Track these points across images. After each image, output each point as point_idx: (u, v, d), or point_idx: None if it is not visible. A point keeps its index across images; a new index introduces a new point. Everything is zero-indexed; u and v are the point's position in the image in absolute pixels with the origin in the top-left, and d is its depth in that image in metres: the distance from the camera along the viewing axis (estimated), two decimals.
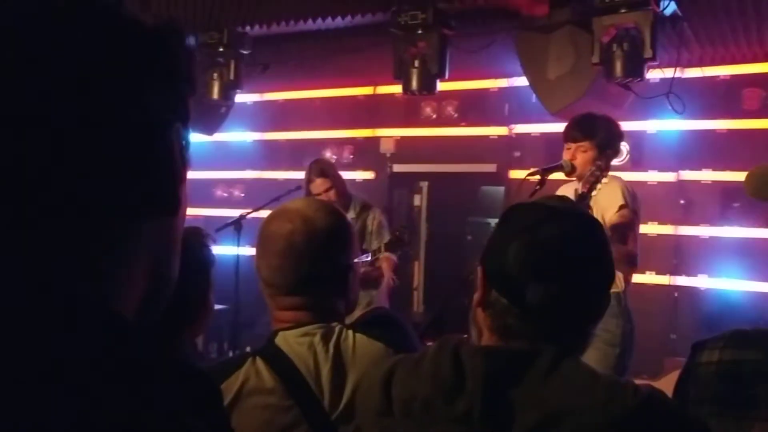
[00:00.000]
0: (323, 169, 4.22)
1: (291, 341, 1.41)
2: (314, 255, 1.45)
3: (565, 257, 1.09)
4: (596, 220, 1.22)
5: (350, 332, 1.43)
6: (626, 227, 3.14)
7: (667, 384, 1.24)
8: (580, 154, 3.22)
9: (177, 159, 0.57)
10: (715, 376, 1.14)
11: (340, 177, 4.30)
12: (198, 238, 1.78)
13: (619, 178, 3.33)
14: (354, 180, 5.85)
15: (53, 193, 0.50)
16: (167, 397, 0.46)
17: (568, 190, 3.18)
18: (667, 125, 4.69)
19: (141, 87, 0.54)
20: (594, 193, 3.07)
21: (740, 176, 4.13)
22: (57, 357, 0.44)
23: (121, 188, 0.53)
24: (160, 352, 0.49)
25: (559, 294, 1.06)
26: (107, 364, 0.45)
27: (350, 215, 4.16)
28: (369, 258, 3.88)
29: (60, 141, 0.50)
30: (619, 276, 3.14)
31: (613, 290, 3.14)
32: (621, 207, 3.15)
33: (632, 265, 3.18)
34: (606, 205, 3.16)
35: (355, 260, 1.56)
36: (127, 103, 0.53)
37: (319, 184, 4.15)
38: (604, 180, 3.10)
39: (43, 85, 0.50)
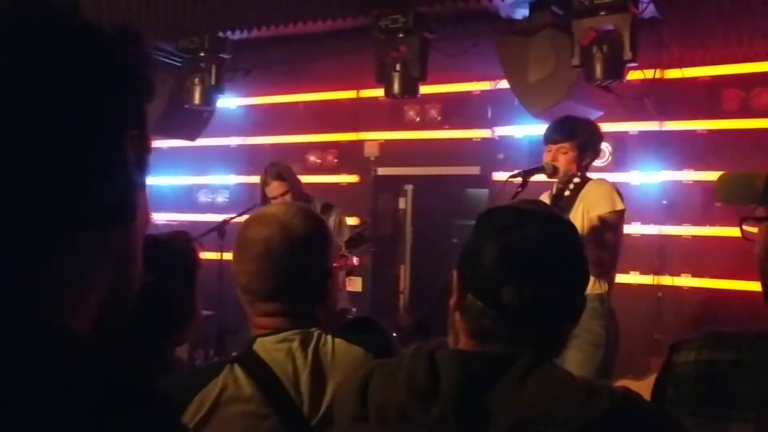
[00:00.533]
0: (279, 173, 4.14)
1: (269, 348, 1.40)
2: (292, 260, 1.44)
3: (540, 259, 1.09)
4: (570, 223, 1.23)
5: (329, 337, 1.43)
6: (610, 232, 3.14)
7: (651, 384, 1.24)
8: (561, 156, 3.23)
9: (131, 166, 0.55)
10: (692, 376, 1.14)
11: (297, 180, 4.25)
12: (183, 242, 1.76)
13: (607, 181, 3.33)
14: (338, 184, 5.85)
15: None
16: (109, 414, 0.45)
17: (545, 198, 3.20)
18: (648, 126, 4.73)
19: (94, 93, 0.53)
20: (567, 193, 3.08)
21: None
22: None
23: (71, 197, 0.51)
24: (111, 368, 0.48)
25: (534, 295, 1.07)
26: (50, 384, 0.44)
27: None
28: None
29: (6, 150, 0.48)
30: (601, 278, 3.15)
31: (596, 291, 3.17)
32: (611, 212, 3.14)
33: (600, 268, 3.10)
34: (594, 203, 3.16)
35: (334, 265, 1.55)
36: (78, 110, 0.52)
37: (275, 188, 4.11)
38: (576, 180, 3.12)
39: None
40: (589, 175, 3.32)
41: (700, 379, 1.13)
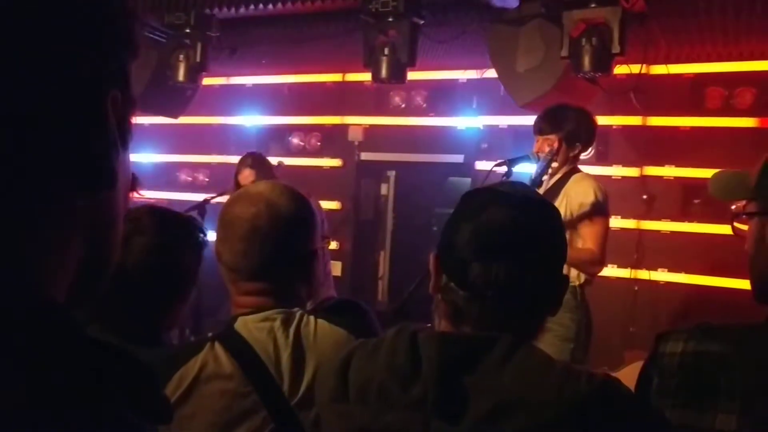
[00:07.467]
0: (255, 161, 4.41)
1: (251, 326, 1.40)
2: (278, 240, 1.43)
3: (507, 239, 1.09)
4: (548, 206, 1.21)
5: (312, 318, 1.42)
6: (594, 227, 3.16)
7: (625, 375, 1.25)
8: (547, 147, 3.24)
9: (112, 129, 0.51)
10: (679, 367, 1.15)
11: (270, 172, 4.43)
12: (196, 223, 1.79)
13: (592, 177, 3.36)
14: (321, 167, 5.83)
15: None
16: (89, 383, 0.44)
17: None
18: (631, 121, 4.75)
19: (71, 51, 0.49)
20: (545, 177, 3.11)
21: (702, 173, 4.26)
22: None
23: (45, 163, 0.48)
24: (87, 338, 0.47)
25: (502, 275, 1.07)
26: (29, 352, 0.43)
27: None
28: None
29: None
30: (575, 270, 3.16)
31: (570, 284, 3.20)
32: (593, 206, 3.17)
33: (595, 264, 3.18)
34: (576, 200, 3.19)
35: (319, 246, 1.55)
36: (53, 69, 0.48)
37: (246, 176, 4.31)
38: (554, 164, 3.14)
39: None
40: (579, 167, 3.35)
41: (685, 370, 1.14)
